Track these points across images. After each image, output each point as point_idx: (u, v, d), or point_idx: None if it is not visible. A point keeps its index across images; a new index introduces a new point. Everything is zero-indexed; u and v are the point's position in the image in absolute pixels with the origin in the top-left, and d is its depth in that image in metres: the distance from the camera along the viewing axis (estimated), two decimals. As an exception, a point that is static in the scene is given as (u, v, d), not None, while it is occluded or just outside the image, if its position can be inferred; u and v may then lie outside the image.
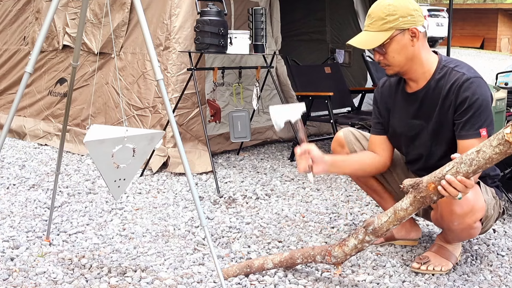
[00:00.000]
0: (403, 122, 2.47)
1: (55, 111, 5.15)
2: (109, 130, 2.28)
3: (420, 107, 2.40)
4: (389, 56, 2.32)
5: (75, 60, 2.42)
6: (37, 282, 2.29)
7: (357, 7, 6.34)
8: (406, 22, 2.28)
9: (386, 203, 2.76)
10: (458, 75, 2.28)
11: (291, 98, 5.13)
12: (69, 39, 5.03)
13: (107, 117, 4.63)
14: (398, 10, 2.27)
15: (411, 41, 2.30)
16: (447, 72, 2.32)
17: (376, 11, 2.31)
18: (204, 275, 2.39)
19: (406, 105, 2.45)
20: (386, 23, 2.28)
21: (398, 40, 2.29)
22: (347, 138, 2.68)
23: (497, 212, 2.45)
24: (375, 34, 2.31)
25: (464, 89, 2.24)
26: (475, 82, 2.25)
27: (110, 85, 4.63)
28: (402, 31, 2.28)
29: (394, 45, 2.30)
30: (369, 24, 2.33)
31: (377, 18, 2.30)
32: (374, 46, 2.31)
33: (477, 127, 2.22)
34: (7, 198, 3.47)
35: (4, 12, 5.82)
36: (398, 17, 2.27)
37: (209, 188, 3.76)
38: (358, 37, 2.38)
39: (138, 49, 4.49)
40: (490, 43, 21.76)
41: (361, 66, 6.02)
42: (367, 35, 2.34)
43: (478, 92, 2.23)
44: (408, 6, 2.29)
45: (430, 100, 2.36)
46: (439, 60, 2.38)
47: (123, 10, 4.55)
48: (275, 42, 4.91)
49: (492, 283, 2.38)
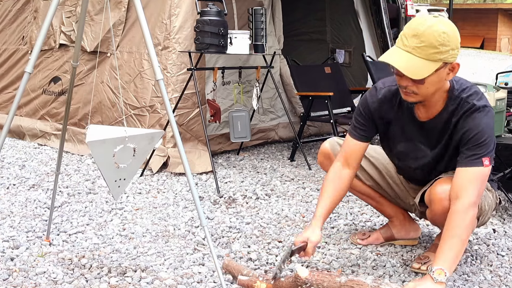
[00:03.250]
0: (408, 143, 2.41)
1: (50, 110, 5.14)
2: (108, 130, 2.28)
3: (427, 135, 2.34)
4: (423, 87, 2.13)
5: (75, 60, 2.42)
6: (37, 282, 2.29)
7: (357, 7, 6.34)
8: (453, 56, 2.09)
9: (382, 206, 2.77)
10: (468, 106, 2.21)
11: (294, 97, 5.13)
12: (65, 37, 5.03)
13: (104, 116, 4.62)
14: (451, 41, 2.07)
15: (447, 75, 2.15)
16: (459, 104, 2.22)
17: (428, 35, 2.05)
18: (204, 275, 2.38)
19: (412, 127, 2.36)
20: (437, 53, 2.06)
21: (439, 73, 2.11)
22: (334, 150, 2.63)
23: (494, 203, 2.44)
24: (423, 62, 2.07)
25: (471, 119, 2.19)
26: (483, 112, 2.20)
27: (105, 84, 4.62)
28: (446, 64, 2.10)
29: (434, 77, 2.11)
30: (416, 47, 2.06)
31: (429, 45, 2.05)
32: (422, 77, 2.08)
33: (479, 156, 2.16)
34: (7, 198, 3.47)
35: (3, 12, 5.82)
36: (449, 49, 2.07)
37: (209, 188, 3.76)
38: (401, 59, 2.09)
39: (135, 48, 4.48)
40: (490, 43, 21.74)
41: (361, 66, 6.01)
42: (413, 60, 2.08)
43: (484, 122, 2.19)
44: (457, 37, 2.10)
45: (440, 130, 2.30)
46: (451, 87, 2.24)
47: (119, 8, 4.54)
48: (278, 42, 4.91)
49: (492, 283, 2.38)
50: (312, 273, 2.08)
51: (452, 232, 2.09)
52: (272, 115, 5.06)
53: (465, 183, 2.14)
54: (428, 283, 2.03)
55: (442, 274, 2.02)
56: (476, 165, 2.15)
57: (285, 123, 5.15)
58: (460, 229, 2.09)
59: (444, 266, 2.04)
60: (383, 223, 3.03)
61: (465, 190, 2.12)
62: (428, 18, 2.11)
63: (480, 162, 2.15)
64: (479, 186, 2.15)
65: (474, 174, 2.15)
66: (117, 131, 2.24)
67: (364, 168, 2.65)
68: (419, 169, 2.45)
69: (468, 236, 2.13)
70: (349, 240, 2.82)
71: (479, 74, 10.79)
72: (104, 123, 4.56)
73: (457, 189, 2.15)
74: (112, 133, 2.23)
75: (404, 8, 6.98)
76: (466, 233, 2.11)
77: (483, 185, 2.19)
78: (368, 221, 3.14)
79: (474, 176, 2.14)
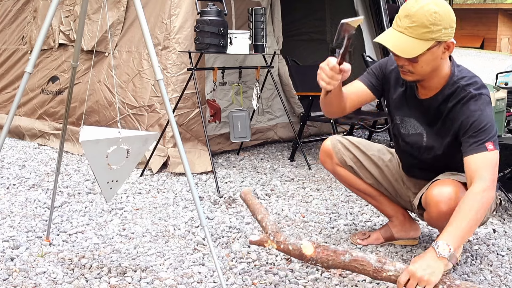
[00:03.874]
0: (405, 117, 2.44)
1: (48, 109, 5.14)
2: (102, 131, 2.28)
3: (424, 112, 2.37)
4: (418, 66, 2.19)
5: (75, 60, 2.42)
6: (37, 282, 2.29)
7: (357, 7, 6.34)
8: (446, 35, 2.13)
9: (382, 205, 2.77)
10: (464, 93, 2.23)
11: (292, 97, 5.13)
12: (64, 37, 5.02)
13: (101, 116, 4.61)
14: (443, 21, 2.11)
15: (443, 53, 2.18)
16: (456, 90, 2.25)
17: (420, 15, 2.10)
18: (204, 275, 2.38)
19: (412, 102, 2.40)
20: (429, 33, 2.10)
21: (433, 52, 2.15)
22: (335, 148, 2.65)
23: (494, 203, 2.44)
24: (415, 41, 2.12)
25: (467, 107, 2.21)
26: (479, 99, 2.21)
27: (102, 83, 4.62)
28: (439, 43, 2.14)
29: (427, 56, 2.16)
30: (408, 27, 2.12)
31: (420, 24, 2.10)
32: (413, 55, 2.14)
33: (482, 142, 2.16)
34: (7, 198, 3.46)
35: (3, 12, 5.83)
36: (441, 28, 2.11)
37: (209, 188, 3.76)
38: (393, 39, 2.17)
39: (134, 47, 4.48)
40: (490, 43, 21.76)
41: (361, 66, 6.02)
42: (405, 39, 2.14)
43: (481, 109, 2.19)
44: (451, 16, 2.14)
45: (435, 111, 2.32)
46: (452, 73, 2.28)
47: (117, 8, 4.54)
48: (276, 42, 4.91)
49: (492, 283, 2.38)
50: (317, 250, 2.11)
51: (464, 213, 2.05)
52: (270, 116, 5.06)
53: (478, 168, 2.12)
54: (428, 257, 1.99)
55: (447, 249, 1.99)
56: (481, 151, 2.14)
57: (284, 123, 5.15)
58: (472, 211, 2.05)
59: (449, 241, 2.00)
60: (383, 223, 3.03)
61: (479, 175, 2.11)
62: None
63: (484, 147, 2.15)
64: (491, 171, 2.12)
65: (483, 159, 2.13)
66: (111, 132, 2.23)
67: (364, 166, 2.66)
68: (413, 148, 2.44)
69: (480, 219, 2.09)
70: (349, 240, 2.82)
71: (479, 74, 10.78)
72: (101, 123, 4.56)
73: (471, 175, 2.13)
74: (106, 134, 2.23)
75: (404, 8, 6.97)
76: (478, 216, 2.07)
77: (495, 169, 2.16)
78: (368, 221, 3.14)
79: (483, 161, 2.13)
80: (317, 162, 4.61)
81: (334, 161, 2.67)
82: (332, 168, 2.70)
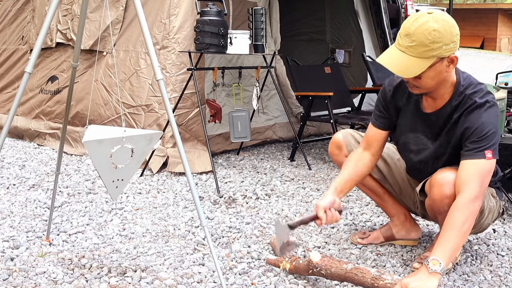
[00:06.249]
0: (412, 134, 2.43)
1: (45, 109, 5.13)
2: (107, 131, 2.27)
3: (430, 126, 2.37)
4: (422, 81, 2.20)
5: (75, 60, 2.42)
6: (37, 282, 2.29)
7: (357, 7, 6.34)
8: (448, 50, 2.13)
9: (385, 204, 2.77)
10: (470, 102, 2.23)
11: (290, 98, 5.13)
12: (62, 36, 5.02)
13: (95, 115, 4.60)
14: (443, 37, 2.10)
15: (447, 67, 2.18)
16: (463, 100, 2.25)
17: (419, 34, 2.10)
18: (204, 275, 2.38)
19: (417, 118, 2.40)
20: (429, 51, 2.11)
21: (435, 68, 2.16)
22: (346, 140, 2.66)
23: (497, 211, 2.45)
24: (416, 60, 2.13)
25: (472, 115, 2.22)
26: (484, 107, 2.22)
27: (99, 82, 4.61)
28: (442, 58, 2.15)
29: (430, 72, 2.16)
30: (408, 46, 2.13)
31: (419, 43, 2.10)
32: (414, 75, 2.15)
33: (482, 149, 2.17)
34: (7, 198, 3.46)
35: (3, 12, 5.82)
36: (442, 45, 2.10)
37: (209, 188, 3.76)
38: (394, 60, 2.18)
39: (131, 47, 4.48)
40: (490, 43, 21.75)
41: (361, 66, 6.02)
42: (406, 59, 2.14)
43: (485, 116, 2.20)
44: (452, 31, 2.13)
45: (442, 123, 2.32)
46: (457, 82, 2.28)
47: (116, 7, 4.54)
48: (274, 42, 4.91)
49: (492, 283, 2.38)
50: (323, 258, 2.29)
51: (452, 224, 2.09)
52: (266, 116, 5.06)
53: (468, 176, 2.14)
54: (421, 273, 2.04)
55: (437, 264, 2.03)
56: (478, 157, 2.16)
57: (282, 123, 5.15)
58: (459, 222, 2.09)
59: (439, 256, 2.04)
60: (383, 223, 3.03)
61: (467, 184, 2.13)
62: (421, 16, 2.14)
63: (482, 154, 2.15)
64: (481, 179, 2.15)
65: (477, 167, 2.15)
66: (116, 131, 2.23)
67: None
68: (422, 163, 2.44)
69: (469, 229, 2.13)
70: (349, 240, 2.82)
71: (479, 74, 10.77)
72: (96, 122, 4.55)
73: (460, 182, 2.16)
74: (110, 133, 2.23)
75: (404, 8, 6.99)
76: (466, 227, 2.10)
77: (487, 178, 2.18)
78: (368, 221, 3.14)
79: (476, 169, 2.15)
80: (317, 162, 4.61)
81: (343, 152, 2.67)
82: (340, 160, 2.68)
